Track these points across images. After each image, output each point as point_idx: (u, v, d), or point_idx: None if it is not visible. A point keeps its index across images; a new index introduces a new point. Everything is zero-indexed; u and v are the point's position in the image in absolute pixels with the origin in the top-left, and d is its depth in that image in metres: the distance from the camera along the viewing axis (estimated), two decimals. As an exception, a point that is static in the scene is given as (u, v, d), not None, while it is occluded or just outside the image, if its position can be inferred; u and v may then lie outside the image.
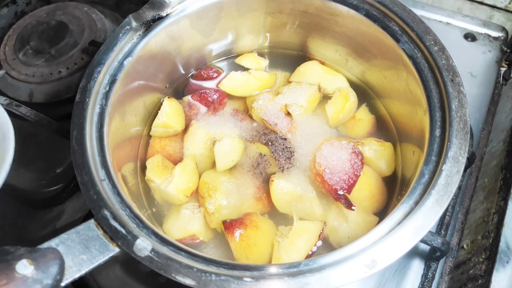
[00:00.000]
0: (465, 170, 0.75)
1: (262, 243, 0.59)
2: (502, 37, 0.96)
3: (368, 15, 0.67)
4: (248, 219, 0.61)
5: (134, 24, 0.65)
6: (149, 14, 0.66)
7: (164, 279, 0.70)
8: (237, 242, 0.58)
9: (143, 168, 0.69)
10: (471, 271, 0.68)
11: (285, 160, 0.68)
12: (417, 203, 0.47)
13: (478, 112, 0.86)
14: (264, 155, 0.70)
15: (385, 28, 0.65)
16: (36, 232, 0.81)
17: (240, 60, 0.83)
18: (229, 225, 0.60)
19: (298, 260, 0.47)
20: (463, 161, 0.49)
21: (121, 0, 1.13)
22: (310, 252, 0.56)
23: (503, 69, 0.95)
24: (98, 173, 0.52)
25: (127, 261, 0.70)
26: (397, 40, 0.63)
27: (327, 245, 0.61)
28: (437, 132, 0.53)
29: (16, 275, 0.38)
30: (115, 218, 0.48)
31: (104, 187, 0.51)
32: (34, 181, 0.86)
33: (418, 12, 0.98)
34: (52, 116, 0.86)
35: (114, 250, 0.46)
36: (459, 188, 0.75)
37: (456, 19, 0.99)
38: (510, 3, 1.03)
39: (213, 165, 0.69)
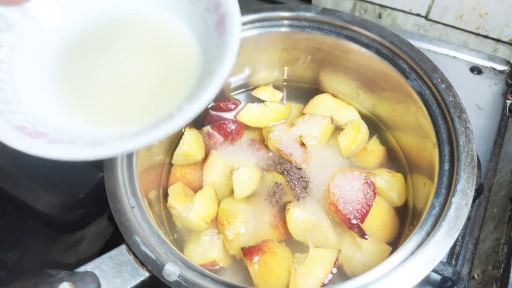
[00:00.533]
0: (474, 201, 0.77)
1: (280, 269, 0.61)
2: (507, 71, 1.00)
3: (378, 53, 0.71)
4: (266, 245, 0.64)
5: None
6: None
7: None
8: (256, 268, 0.61)
9: (165, 195, 0.73)
10: (482, 301, 0.70)
11: (300, 189, 0.71)
12: (428, 234, 0.50)
13: (486, 144, 0.88)
14: (280, 184, 0.73)
15: (395, 65, 0.69)
16: (59, 255, 0.84)
17: (256, 93, 0.87)
18: (248, 252, 0.63)
19: (315, 287, 0.50)
20: (471, 194, 0.52)
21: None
22: (326, 280, 0.58)
23: (508, 102, 0.98)
24: (129, 201, 0.56)
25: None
26: (406, 77, 0.67)
27: (342, 273, 0.64)
28: (446, 166, 0.56)
29: (58, 297, 0.41)
30: (145, 243, 0.51)
31: (135, 214, 0.55)
32: (58, 206, 0.89)
33: (425, 45, 1.02)
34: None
35: (144, 274, 0.49)
36: (469, 218, 0.77)
37: (462, 52, 1.03)
38: (514, 37, 1.07)
39: (231, 193, 0.72)
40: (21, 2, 0.45)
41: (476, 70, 1.00)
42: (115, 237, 0.82)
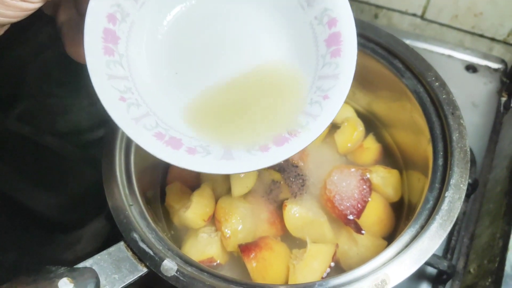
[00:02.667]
0: (469, 196, 0.78)
1: (277, 264, 0.62)
2: (501, 69, 1.01)
3: (374, 52, 0.72)
4: (262, 241, 0.65)
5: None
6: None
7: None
8: (253, 264, 0.61)
9: (163, 194, 0.73)
10: (478, 295, 0.70)
11: (297, 186, 0.72)
12: (422, 227, 0.51)
13: (481, 140, 0.89)
14: (277, 182, 0.74)
15: (390, 64, 0.70)
16: (57, 255, 0.84)
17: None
18: (245, 248, 0.63)
19: (314, 281, 0.50)
20: (464, 188, 0.53)
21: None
22: (325, 274, 0.59)
23: (503, 99, 0.99)
24: (127, 199, 0.56)
25: (144, 286, 0.73)
26: (401, 76, 0.68)
27: (338, 268, 0.64)
28: (440, 161, 0.57)
29: (58, 292, 0.42)
30: (143, 240, 0.52)
31: (132, 212, 0.55)
32: (55, 206, 0.89)
33: (421, 45, 1.03)
34: (74, 144, 0.91)
35: (142, 270, 0.50)
36: (464, 213, 0.78)
37: (457, 51, 1.04)
38: (508, 36, 1.08)
39: (229, 191, 0.73)
40: None
41: (471, 68, 1.01)
42: (112, 236, 0.82)
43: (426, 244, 0.49)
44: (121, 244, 0.51)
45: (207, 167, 0.42)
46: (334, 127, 0.81)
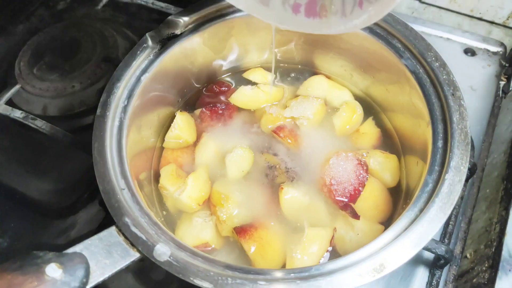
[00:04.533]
0: (467, 181, 0.78)
1: (275, 242, 0.62)
2: (501, 52, 0.99)
3: (372, 32, 0.70)
4: (257, 222, 0.64)
5: (150, 42, 0.68)
6: (164, 33, 0.70)
7: (175, 287, 0.72)
8: (251, 244, 0.61)
9: (156, 177, 0.72)
10: (474, 280, 0.70)
11: (293, 171, 0.71)
12: (421, 210, 0.50)
13: (479, 125, 0.88)
14: (273, 166, 0.72)
15: (388, 45, 0.68)
16: (51, 241, 0.83)
17: (248, 75, 0.86)
18: (241, 229, 0.63)
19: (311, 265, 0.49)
20: (464, 170, 0.52)
21: (132, 18, 1.17)
22: (323, 259, 0.58)
23: (502, 83, 0.98)
24: (118, 183, 0.55)
25: (139, 270, 0.72)
26: (400, 56, 0.67)
27: (335, 253, 0.63)
28: (440, 144, 0.56)
29: (46, 277, 0.41)
30: (135, 225, 0.50)
31: (124, 196, 0.54)
32: (48, 192, 0.88)
33: (419, 28, 1.01)
34: (66, 129, 0.89)
35: (135, 255, 0.48)
36: (462, 198, 0.77)
37: (456, 34, 1.02)
38: (508, 19, 1.07)
39: (224, 175, 0.72)
40: None
41: (470, 52, 1.00)
42: (106, 221, 0.80)
43: (426, 228, 0.48)
44: (113, 228, 0.50)
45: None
46: (331, 110, 0.79)
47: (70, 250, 0.46)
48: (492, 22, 1.09)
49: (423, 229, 0.48)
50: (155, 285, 0.72)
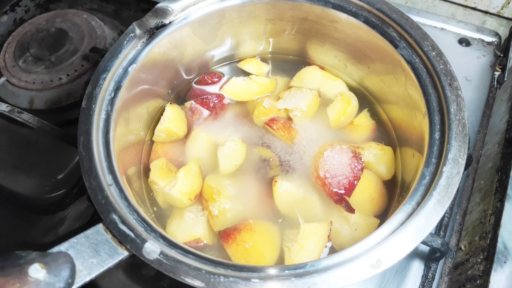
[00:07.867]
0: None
1: (260, 245, 0.60)
2: (495, 42, 0.98)
3: (367, 21, 0.68)
4: (242, 224, 0.62)
5: (138, 31, 0.66)
6: (152, 22, 0.67)
7: (166, 283, 0.71)
8: (233, 247, 0.59)
9: (146, 171, 0.70)
10: (469, 272, 0.70)
11: (286, 164, 0.69)
12: (419, 204, 0.49)
13: (474, 116, 0.87)
14: (266, 159, 0.71)
15: (384, 34, 0.66)
16: (39, 238, 0.81)
17: (242, 65, 0.84)
18: (224, 233, 0.61)
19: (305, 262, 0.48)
20: (462, 162, 0.51)
21: (120, 7, 1.14)
22: (322, 255, 0.57)
23: (497, 73, 0.97)
24: (105, 178, 0.53)
25: (130, 266, 0.71)
26: (396, 46, 0.65)
27: (330, 248, 0.62)
28: (437, 135, 0.54)
29: (29, 279, 0.39)
30: (124, 222, 0.48)
31: (112, 192, 0.52)
32: (36, 187, 0.86)
33: (413, 18, 0.98)
34: (53, 122, 0.86)
35: (123, 253, 0.46)
36: (457, 190, 0.76)
37: (450, 24, 1.01)
38: (502, 9, 1.06)
39: (216, 168, 0.70)
40: None
41: (464, 42, 0.99)
42: (96, 217, 0.79)
43: (423, 222, 0.47)
44: (99, 226, 0.48)
45: None
46: (326, 101, 0.78)
47: (55, 249, 0.45)
48: (486, 12, 1.08)
49: (420, 223, 0.47)
50: (147, 282, 0.70)
